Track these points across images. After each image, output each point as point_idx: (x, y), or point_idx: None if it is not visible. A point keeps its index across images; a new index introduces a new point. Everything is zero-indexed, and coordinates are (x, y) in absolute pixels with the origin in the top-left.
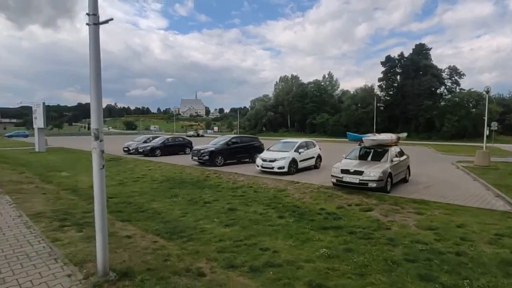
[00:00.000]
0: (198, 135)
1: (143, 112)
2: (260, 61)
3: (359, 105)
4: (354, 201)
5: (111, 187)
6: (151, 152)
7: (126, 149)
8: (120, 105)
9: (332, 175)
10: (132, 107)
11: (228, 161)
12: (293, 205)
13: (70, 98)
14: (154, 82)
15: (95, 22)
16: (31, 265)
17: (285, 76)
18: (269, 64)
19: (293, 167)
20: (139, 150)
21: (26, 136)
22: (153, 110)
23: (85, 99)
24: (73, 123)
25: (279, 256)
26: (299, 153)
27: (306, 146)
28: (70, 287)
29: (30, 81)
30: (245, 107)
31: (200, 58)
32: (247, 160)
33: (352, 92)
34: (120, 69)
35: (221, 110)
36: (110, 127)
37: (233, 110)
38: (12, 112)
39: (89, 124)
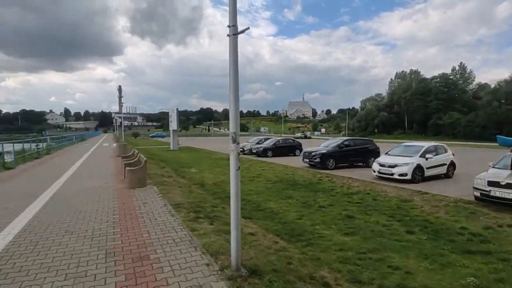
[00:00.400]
0: (305, 137)
1: (254, 115)
2: (371, 57)
3: (502, 101)
4: (506, 221)
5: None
6: (264, 153)
7: (241, 149)
8: None
9: (474, 188)
10: (244, 111)
11: (339, 165)
12: (423, 219)
13: (194, 103)
14: (264, 86)
15: (234, 33)
16: (177, 250)
17: (402, 71)
18: (381, 60)
19: (418, 175)
20: (253, 151)
21: (163, 136)
22: (263, 112)
23: (206, 104)
24: (197, 126)
25: (414, 279)
26: (426, 158)
27: (435, 150)
28: (209, 275)
29: (166, 91)
30: (353, 108)
31: (307, 60)
32: (361, 164)
33: (492, 86)
34: None
35: (328, 112)
36: (226, 129)
37: (340, 111)
38: (154, 117)
39: (209, 126)
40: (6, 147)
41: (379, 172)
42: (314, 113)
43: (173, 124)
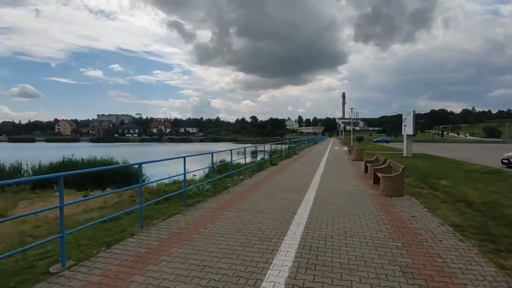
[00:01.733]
0: None
1: (508, 115)
2: None
3: None
4: None
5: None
6: None
7: (506, 161)
8: (478, 109)
9: None
10: (494, 111)
11: None
12: None
13: (422, 105)
14: None
15: None
16: None
17: None
18: None
19: None
20: None
21: (388, 141)
22: None
23: (437, 105)
24: (425, 130)
25: None
26: None
27: None
28: None
29: (387, 93)
30: None
31: None
32: None
33: None
34: (476, 67)
35: None
36: (467, 134)
37: None
38: (374, 121)
39: (442, 130)
40: (265, 148)
41: None
42: None
43: (408, 129)
